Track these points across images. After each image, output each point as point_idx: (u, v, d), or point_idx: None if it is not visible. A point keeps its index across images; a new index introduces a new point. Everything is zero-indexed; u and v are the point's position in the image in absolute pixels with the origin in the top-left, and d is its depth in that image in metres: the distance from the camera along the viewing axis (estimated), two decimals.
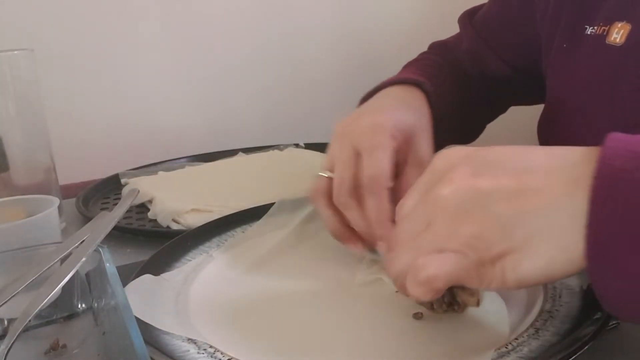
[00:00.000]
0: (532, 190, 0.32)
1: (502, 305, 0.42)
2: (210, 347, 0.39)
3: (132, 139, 1.01)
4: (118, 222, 0.50)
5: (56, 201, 0.53)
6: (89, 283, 0.45)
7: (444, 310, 0.40)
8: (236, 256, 0.54)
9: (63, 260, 0.43)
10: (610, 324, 0.38)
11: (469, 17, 0.73)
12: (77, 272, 0.40)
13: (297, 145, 0.95)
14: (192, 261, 0.52)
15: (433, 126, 0.55)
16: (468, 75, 0.71)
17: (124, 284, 0.41)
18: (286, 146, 0.94)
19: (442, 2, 1.19)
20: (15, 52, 0.64)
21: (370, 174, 0.46)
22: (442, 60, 0.71)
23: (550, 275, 0.32)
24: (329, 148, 0.52)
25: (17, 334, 0.35)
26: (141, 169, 0.88)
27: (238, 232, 0.58)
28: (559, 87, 0.61)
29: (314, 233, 0.57)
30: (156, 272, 0.49)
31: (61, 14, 0.93)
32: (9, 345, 0.35)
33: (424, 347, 0.39)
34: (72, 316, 0.46)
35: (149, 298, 0.45)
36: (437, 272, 0.34)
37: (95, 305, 0.45)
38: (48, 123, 0.67)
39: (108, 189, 0.82)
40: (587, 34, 0.56)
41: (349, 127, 0.50)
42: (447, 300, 0.40)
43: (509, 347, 0.36)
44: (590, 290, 0.39)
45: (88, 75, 0.97)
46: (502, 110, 0.76)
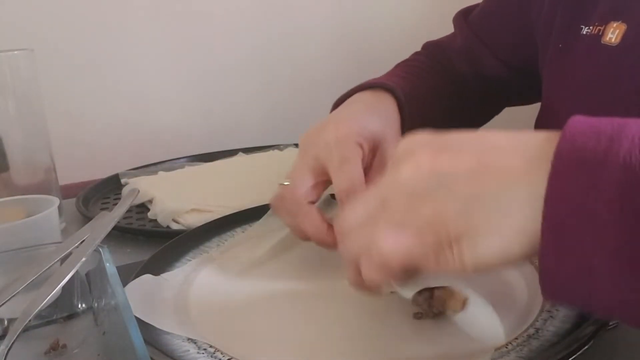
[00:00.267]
0: (492, 169, 0.31)
1: (492, 311, 0.41)
2: (210, 347, 0.39)
3: (132, 139, 1.01)
4: (118, 222, 0.50)
5: (56, 201, 0.53)
6: (89, 283, 0.45)
7: (433, 315, 0.41)
8: (236, 256, 0.54)
9: (63, 260, 0.43)
10: (610, 324, 0.38)
11: (464, 16, 0.72)
12: (77, 272, 0.40)
13: (297, 145, 0.95)
14: (192, 261, 0.52)
15: (406, 130, 0.54)
16: (461, 76, 0.70)
17: (124, 284, 0.41)
18: (286, 146, 0.94)
19: (441, 2, 1.19)
20: (15, 52, 0.64)
21: (344, 188, 0.46)
22: (432, 61, 0.71)
23: (508, 257, 0.31)
24: (294, 160, 0.51)
25: (17, 334, 0.35)
26: (141, 169, 0.88)
27: (238, 232, 0.58)
28: (554, 87, 0.61)
29: None
30: (156, 272, 0.49)
31: (61, 14, 0.93)
32: (9, 345, 0.35)
33: (424, 346, 0.39)
34: (72, 316, 0.46)
35: (149, 298, 0.45)
36: (392, 252, 0.33)
37: (95, 305, 0.45)
38: (48, 123, 0.67)
39: (108, 189, 0.82)
40: (583, 34, 0.56)
41: (313, 141, 0.50)
42: (427, 300, 0.40)
43: (509, 347, 0.36)
44: None
45: (88, 75, 0.97)
46: (496, 111, 0.76)
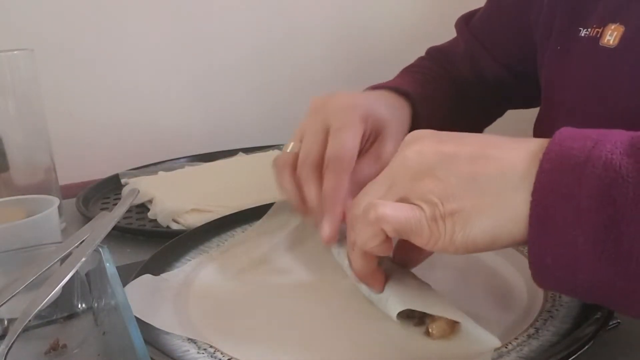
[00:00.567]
0: (491, 157, 0.34)
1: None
2: (210, 347, 0.39)
3: (132, 139, 1.01)
4: (118, 222, 0.50)
5: (56, 201, 0.53)
6: (89, 283, 0.45)
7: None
8: (236, 256, 0.54)
9: (63, 260, 0.43)
10: (610, 324, 0.38)
11: (466, 21, 0.73)
12: (77, 272, 0.41)
13: None
14: (192, 261, 0.52)
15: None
16: (464, 80, 0.71)
17: (124, 284, 0.41)
18: None
19: (441, 3, 1.19)
20: (15, 52, 0.64)
21: (334, 153, 0.47)
22: (437, 66, 0.72)
23: (497, 239, 0.33)
24: (302, 121, 0.52)
25: (17, 334, 0.35)
26: (141, 169, 0.88)
27: (238, 232, 0.58)
28: (553, 89, 0.61)
29: (314, 233, 0.57)
30: (156, 272, 0.49)
31: (61, 14, 0.93)
32: (9, 345, 0.35)
33: (424, 346, 0.39)
34: (72, 316, 0.46)
35: (149, 298, 0.45)
36: (389, 213, 0.35)
37: (95, 305, 0.45)
38: (48, 123, 0.67)
39: (108, 189, 0.82)
40: (581, 36, 0.56)
41: (323, 103, 0.51)
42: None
43: (509, 347, 0.36)
44: None
45: (88, 75, 0.97)
46: (499, 114, 0.76)
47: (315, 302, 0.46)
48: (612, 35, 0.52)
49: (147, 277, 0.47)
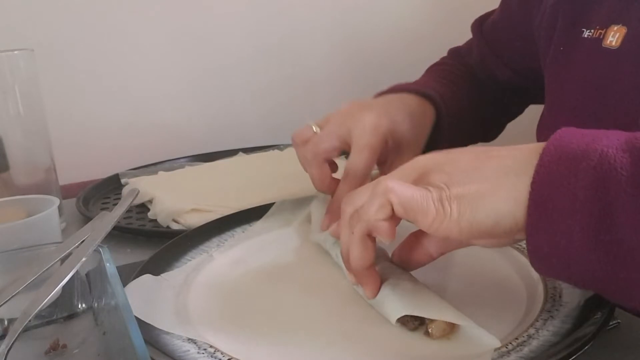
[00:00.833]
0: (495, 155, 0.38)
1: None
2: (210, 347, 0.39)
3: (132, 139, 1.01)
4: (118, 222, 0.50)
5: (56, 201, 0.53)
6: (89, 283, 0.45)
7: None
8: (236, 256, 0.54)
9: (63, 260, 0.43)
10: (610, 324, 0.38)
11: (480, 24, 0.75)
12: (77, 272, 0.41)
13: None
14: (192, 261, 0.52)
15: (446, 130, 0.63)
16: (480, 80, 0.74)
17: (124, 284, 0.41)
18: (286, 146, 0.94)
19: (442, 4, 1.19)
20: (15, 52, 0.64)
21: (352, 168, 0.54)
22: (459, 65, 0.75)
23: (500, 221, 0.35)
24: (332, 112, 0.58)
25: (17, 334, 0.36)
26: (141, 169, 0.88)
27: (238, 232, 0.58)
28: (556, 90, 0.61)
29: (313, 233, 0.57)
30: (156, 272, 0.49)
31: (61, 14, 0.93)
32: (9, 345, 0.35)
33: (424, 347, 0.39)
34: (72, 316, 0.46)
35: (149, 298, 0.45)
36: (397, 187, 0.38)
37: (95, 305, 0.45)
38: (48, 123, 0.67)
39: (108, 189, 0.82)
40: (584, 37, 0.56)
41: (355, 114, 0.56)
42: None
43: (509, 347, 0.36)
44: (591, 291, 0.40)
45: (88, 75, 0.97)
46: (519, 111, 0.79)
47: (315, 303, 0.46)
48: (614, 37, 0.52)
49: (147, 277, 0.47)
